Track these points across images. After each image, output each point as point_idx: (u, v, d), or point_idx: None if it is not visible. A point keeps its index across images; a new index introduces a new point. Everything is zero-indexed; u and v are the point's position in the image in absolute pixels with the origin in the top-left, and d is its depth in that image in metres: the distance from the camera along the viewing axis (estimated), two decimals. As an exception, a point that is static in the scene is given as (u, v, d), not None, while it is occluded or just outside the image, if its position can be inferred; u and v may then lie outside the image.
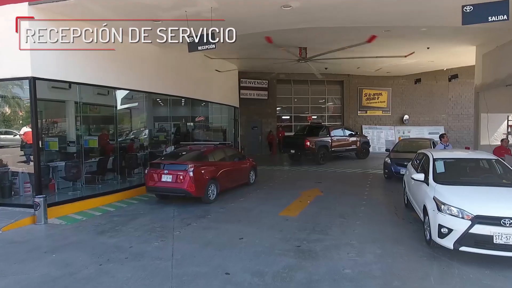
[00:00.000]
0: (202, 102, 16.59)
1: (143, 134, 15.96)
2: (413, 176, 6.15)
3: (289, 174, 13.42)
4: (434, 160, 6.24)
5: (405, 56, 12.91)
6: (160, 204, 8.62)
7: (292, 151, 16.52)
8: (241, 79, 19.52)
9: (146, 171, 8.62)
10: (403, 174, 10.96)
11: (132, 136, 13.27)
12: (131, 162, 11.13)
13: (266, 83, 20.21)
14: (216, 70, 12.64)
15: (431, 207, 5.28)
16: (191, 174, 8.01)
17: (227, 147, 10.20)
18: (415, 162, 7.74)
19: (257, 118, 20.94)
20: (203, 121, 18.73)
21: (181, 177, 8.05)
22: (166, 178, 8.21)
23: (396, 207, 8.07)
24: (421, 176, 6.01)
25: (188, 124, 17.93)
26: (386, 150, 12.77)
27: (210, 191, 8.54)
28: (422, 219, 5.83)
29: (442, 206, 5.01)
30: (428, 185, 5.78)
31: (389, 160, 11.55)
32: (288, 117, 22.30)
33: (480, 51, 12.50)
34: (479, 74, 12.71)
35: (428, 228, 5.37)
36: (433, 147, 11.65)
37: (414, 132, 22.64)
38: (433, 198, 5.28)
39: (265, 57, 14.01)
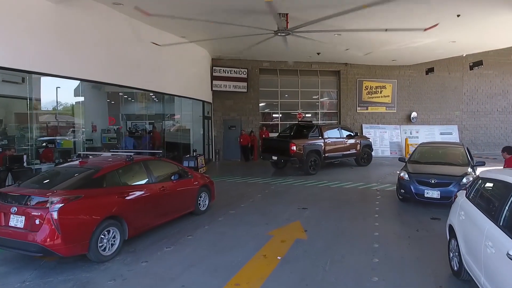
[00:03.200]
0: (171, 96, 13.01)
1: (76, 135, 12.30)
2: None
3: (265, 192, 9.72)
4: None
5: (425, 30, 9.16)
6: (19, 262, 4.86)
7: (274, 158, 12.81)
8: (213, 68, 15.80)
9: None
10: (429, 198, 7.41)
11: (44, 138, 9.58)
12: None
13: (245, 73, 16.46)
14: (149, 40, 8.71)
15: None
16: (55, 215, 4.28)
17: (155, 160, 6.44)
18: (476, 194, 4.09)
19: (235, 115, 17.21)
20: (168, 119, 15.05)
21: (37, 221, 4.32)
22: (16, 221, 4.46)
23: (437, 275, 4.38)
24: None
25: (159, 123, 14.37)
26: (400, 159, 9.11)
27: (105, 240, 4.82)
28: None
29: None
30: None
31: (407, 176, 7.88)
32: (279, 115, 18.45)
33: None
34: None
35: None
36: (470, 157, 8.06)
37: (423, 132, 19.13)
38: None
39: (234, 32, 10.32)
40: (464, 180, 7.20)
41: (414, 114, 19.35)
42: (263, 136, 16.33)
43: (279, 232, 6.11)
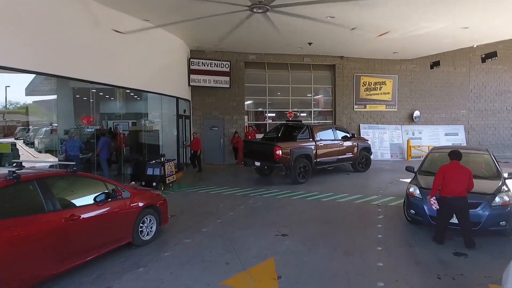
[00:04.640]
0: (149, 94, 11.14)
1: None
2: None
3: (240, 208, 7.85)
4: None
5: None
6: None
7: (257, 164, 10.93)
8: (191, 60, 13.90)
9: None
10: (449, 223, 5.58)
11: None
12: None
13: (227, 66, 14.57)
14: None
15: None
16: None
17: (65, 175, 4.52)
18: None
19: (218, 114, 15.34)
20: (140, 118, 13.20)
21: None
22: None
23: None
24: None
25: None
26: (407, 169, 7.26)
27: None
28: None
29: None
30: None
31: (418, 192, 6.05)
32: (267, 113, 16.53)
33: None
34: None
35: None
36: (498, 166, 6.23)
37: (427, 133, 17.38)
38: None
39: (202, 12, 8.46)
40: (497, 199, 5.38)
41: (416, 113, 17.56)
42: (250, 137, 14.50)
43: (240, 281, 4.24)
